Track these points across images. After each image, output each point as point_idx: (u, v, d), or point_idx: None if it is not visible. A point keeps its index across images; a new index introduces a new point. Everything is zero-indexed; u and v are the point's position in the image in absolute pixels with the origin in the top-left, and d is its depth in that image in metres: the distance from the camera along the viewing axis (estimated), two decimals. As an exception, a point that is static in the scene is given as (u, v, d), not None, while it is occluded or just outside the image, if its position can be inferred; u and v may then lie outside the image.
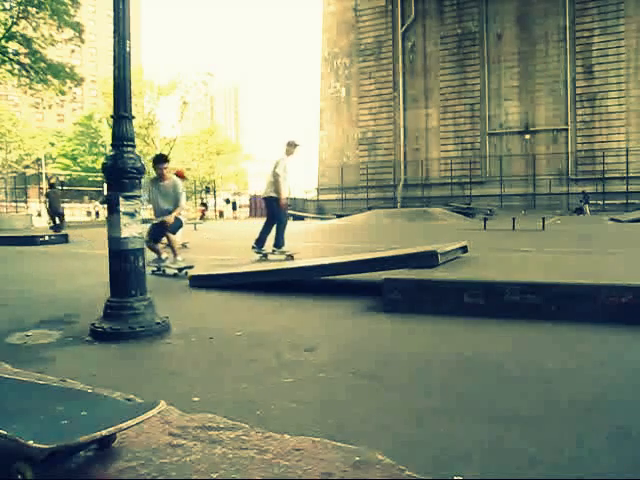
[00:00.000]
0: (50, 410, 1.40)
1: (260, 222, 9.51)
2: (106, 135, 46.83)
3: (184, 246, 7.92)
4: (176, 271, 5.48)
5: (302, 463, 1.28)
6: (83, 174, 51.63)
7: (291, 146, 7.00)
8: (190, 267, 5.42)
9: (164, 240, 5.86)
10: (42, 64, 21.69)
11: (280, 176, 6.83)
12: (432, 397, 1.84)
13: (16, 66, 21.84)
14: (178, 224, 5.87)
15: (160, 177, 5.79)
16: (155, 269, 5.72)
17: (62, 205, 16.77)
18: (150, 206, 5.94)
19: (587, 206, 25.64)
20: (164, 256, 5.74)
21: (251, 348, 2.54)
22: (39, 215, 27.45)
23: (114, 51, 2.82)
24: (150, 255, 4.88)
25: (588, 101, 28.62)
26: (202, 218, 26.78)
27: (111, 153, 2.84)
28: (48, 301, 3.93)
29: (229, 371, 2.20)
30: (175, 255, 5.68)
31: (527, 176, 29.52)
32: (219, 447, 1.38)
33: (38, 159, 47.84)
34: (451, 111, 31.61)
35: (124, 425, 1.27)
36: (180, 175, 8.90)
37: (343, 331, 2.93)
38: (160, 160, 5.86)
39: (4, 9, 21.03)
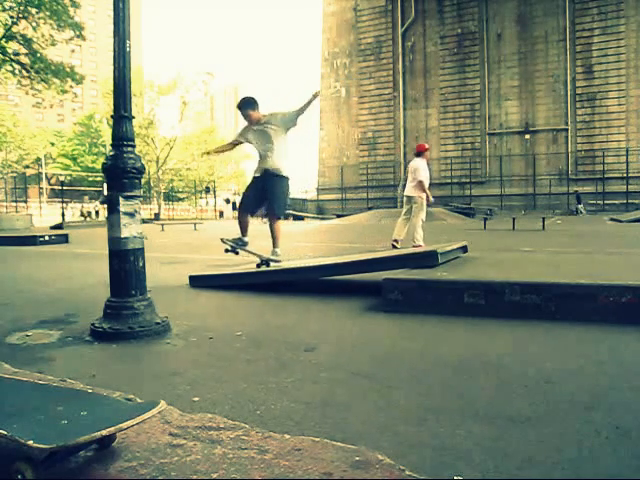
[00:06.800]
0: (50, 410, 1.40)
1: (261, 222, 9.36)
2: (106, 135, 46.81)
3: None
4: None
5: (302, 463, 1.28)
6: (83, 174, 51.63)
7: None
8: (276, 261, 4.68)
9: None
10: (42, 64, 21.69)
11: None
12: (432, 397, 1.84)
13: (16, 66, 21.84)
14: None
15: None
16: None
17: None
18: None
19: (581, 206, 25.66)
20: (246, 239, 4.91)
21: (251, 348, 2.54)
22: None
23: (114, 51, 2.82)
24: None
25: (588, 101, 28.61)
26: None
27: (111, 153, 2.84)
28: (48, 301, 3.93)
29: (229, 371, 2.20)
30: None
31: (527, 176, 29.53)
32: (219, 447, 1.38)
33: (38, 159, 47.85)
34: (451, 111, 31.61)
35: (124, 425, 1.27)
36: (422, 149, 7.68)
37: (343, 331, 2.93)
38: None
39: (4, 9, 21.02)
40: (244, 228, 4.93)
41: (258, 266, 4.77)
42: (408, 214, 7.60)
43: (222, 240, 4.99)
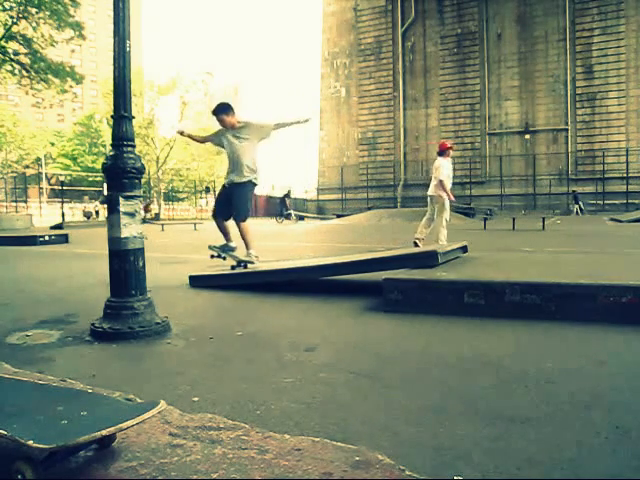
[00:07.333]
0: (50, 410, 1.40)
1: (261, 222, 9.30)
2: (106, 135, 46.82)
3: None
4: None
5: (302, 463, 1.28)
6: (83, 174, 51.62)
7: None
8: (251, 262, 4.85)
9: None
10: (42, 64, 21.71)
11: None
12: (432, 397, 1.84)
13: (16, 66, 21.85)
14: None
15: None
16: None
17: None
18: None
19: (577, 206, 25.55)
20: (233, 244, 5.06)
21: (251, 348, 2.54)
22: None
23: (114, 51, 2.82)
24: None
25: (588, 101, 28.63)
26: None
27: (111, 153, 2.84)
28: (48, 301, 3.93)
29: (229, 371, 2.20)
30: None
31: (527, 176, 29.54)
32: (219, 447, 1.38)
33: (38, 159, 47.84)
34: (451, 111, 31.62)
35: (124, 425, 1.27)
36: (443, 148, 7.59)
37: (343, 331, 2.93)
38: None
39: (4, 9, 21.03)
40: (226, 234, 5.07)
41: (233, 268, 4.92)
42: (431, 214, 7.58)
43: (209, 247, 5.16)
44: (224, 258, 5.09)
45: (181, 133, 5.56)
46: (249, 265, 4.85)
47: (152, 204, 33.36)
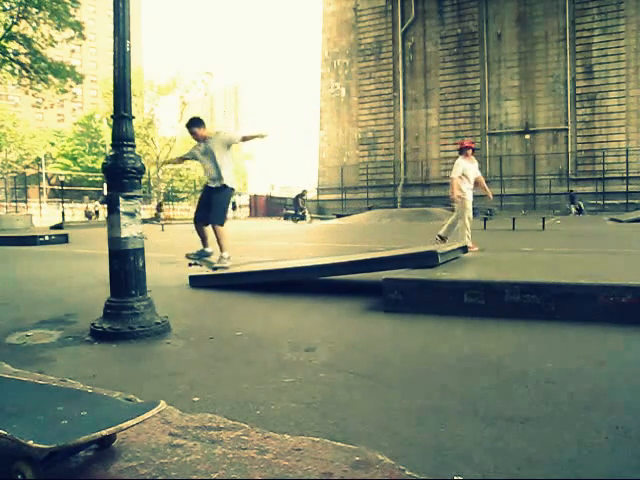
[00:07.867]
0: (50, 410, 1.40)
1: (260, 222, 9.33)
2: (106, 135, 46.81)
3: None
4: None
5: (302, 463, 1.28)
6: (83, 174, 51.62)
7: None
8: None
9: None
10: (42, 64, 21.72)
11: None
12: (432, 397, 1.84)
13: (17, 66, 21.86)
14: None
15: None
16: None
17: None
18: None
19: (573, 206, 25.49)
20: (209, 249, 5.25)
21: (251, 348, 2.54)
22: None
23: (114, 51, 2.82)
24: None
25: (588, 101, 28.60)
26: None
27: (111, 153, 2.84)
28: (48, 301, 3.93)
29: (229, 371, 2.20)
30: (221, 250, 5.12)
31: (527, 176, 29.51)
32: (219, 447, 1.38)
33: (38, 159, 47.85)
34: (451, 111, 31.60)
35: (124, 425, 1.27)
36: (460, 146, 7.51)
37: (343, 331, 2.93)
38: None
39: (4, 9, 21.03)
40: (203, 238, 5.26)
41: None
42: (458, 213, 7.57)
43: (186, 255, 5.34)
44: (200, 265, 5.25)
45: (162, 163, 6.30)
46: (223, 270, 5.00)
47: (163, 204, 33.24)
